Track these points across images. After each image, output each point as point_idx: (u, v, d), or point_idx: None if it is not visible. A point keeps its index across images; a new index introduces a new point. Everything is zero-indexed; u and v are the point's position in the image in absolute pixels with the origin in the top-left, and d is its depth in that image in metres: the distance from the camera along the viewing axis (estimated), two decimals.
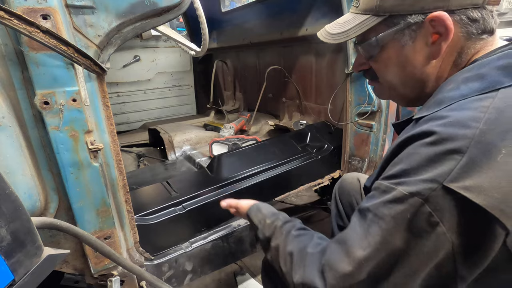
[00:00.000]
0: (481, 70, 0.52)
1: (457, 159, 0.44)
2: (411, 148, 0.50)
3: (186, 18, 2.69)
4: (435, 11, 0.53)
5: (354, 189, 1.13)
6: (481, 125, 0.45)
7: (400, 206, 0.48)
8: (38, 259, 0.48)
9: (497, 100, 0.47)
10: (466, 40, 0.56)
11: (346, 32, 0.64)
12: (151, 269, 1.07)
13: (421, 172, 0.47)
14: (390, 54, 0.61)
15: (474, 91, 0.50)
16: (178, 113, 3.17)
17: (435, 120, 0.50)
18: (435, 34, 0.55)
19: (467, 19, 0.54)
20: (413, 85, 0.63)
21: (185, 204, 1.21)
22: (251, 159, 1.49)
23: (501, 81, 0.49)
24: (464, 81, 0.53)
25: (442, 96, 0.54)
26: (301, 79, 2.13)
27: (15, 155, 0.67)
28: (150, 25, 0.80)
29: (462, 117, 0.47)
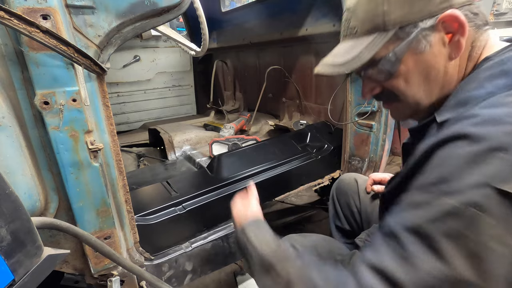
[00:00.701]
0: (504, 66, 0.50)
1: (503, 158, 0.40)
2: (444, 153, 0.45)
3: (186, 18, 2.69)
4: (442, 12, 0.52)
5: (352, 190, 1.13)
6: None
7: (453, 223, 0.41)
8: (38, 259, 0.48)
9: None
10: (475, 33, 0.56)
11: (357, 56, 0.57)
12: (151, 269, 1.07)
13: (465, 176, 0.41)
14: (410, 66, 0.57)
15: (502, 88, 0.48)
16: (178, 113, 3.17)
17: (465, 120, 0.46)
18: (448, 33, 0.54)
19: (471, 13, 0.54)
20: (438, 91, 0.59)
21: (185, 204, 1.21)
22: (251, 159, 1.49)
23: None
24: (487, 79, 0.50)
25: (466, 96, 0.51)
26: (301, 79, 2.13)
27: (15, 155, 0.67)
28: (150, 25, 0.80)
29: (496, 114, 0.44)
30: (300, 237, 0.98)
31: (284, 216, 2.12)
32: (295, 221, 2.06)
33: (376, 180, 1.06)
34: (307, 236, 0.99)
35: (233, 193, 1.31)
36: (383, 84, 0.62)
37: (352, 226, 1.13)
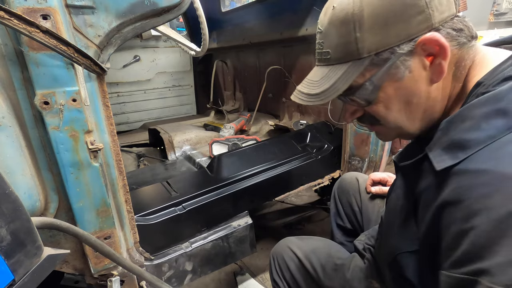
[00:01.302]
0: (499, 104, 0.44)
1: None
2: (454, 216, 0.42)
3: (186, 18, 2.69)
4: (422, 34, 0.49)
5: (353, 189, 1.13)
6: None
7: None
8: (38, 259, 0.48)
9: None
10: (459, 52, 0.52)
11: (332, 87, 0.55)
12: (151, 269, 1.07)
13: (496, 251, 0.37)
14: (389, 93, 0.54)
15: (502, 130, 0.42)
16: (178, 113, 3.17)
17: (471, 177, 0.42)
18: (428, 56, 0.51)
19: (453, 30, 0.50)
20: (422, 116, 0.56)
21: (185, 204, 1.21)
22: (251, 159, 1.49)
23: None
24: (483, 118, 0.45)
25: (462, 138, 0.46)
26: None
27: (15, 155, 0.67)
28: (150, 25, 0.80)
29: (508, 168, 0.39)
30: (298, 240, 0.98)
31: (284, 216, 2.12)
32: (295, 221, 2.06)
33: (376, 180, 1.06)
34: (305, 239, 0.99)
35: (233, 193, 1.31)
36: (364, 109, 0.59)
37: (353, 224, 1.13)
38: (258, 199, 1.48)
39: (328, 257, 0.89)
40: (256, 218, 1.62)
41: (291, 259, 0.92)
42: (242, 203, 1.36)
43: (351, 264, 0.84)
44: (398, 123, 0.58)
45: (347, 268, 0.84)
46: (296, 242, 0.96)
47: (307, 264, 0.89)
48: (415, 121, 0.57)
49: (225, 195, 1.29)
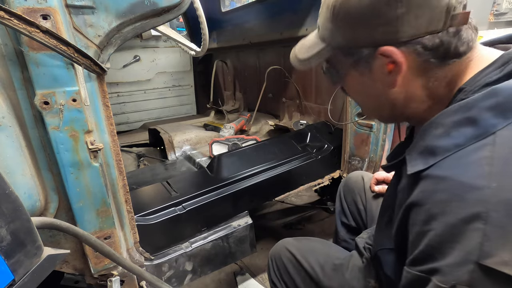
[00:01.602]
0: (469, 112, 0.46)
1: (480, 229, 0.38)
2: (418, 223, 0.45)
3: (186, 18, 2.68)
4: (384, 44, 0.50)
5: (358, 187, 1.15)
6: (489, 182, 0.40)
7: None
8: (38, 259, 0.48)
9: (498, 148, 0.42)
10: (427, 69, 0.52)
11: (308, 59, 0.62)
12: (151, 269, 1.08)
13: (447, 252, 0.41)
14: (353, 82, 0.60)
15: (469, 139, 0.44)
16: (178, 113, 3.17)
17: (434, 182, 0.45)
18: (390, 64, 0.52)
19: (421, 48, 0.50)
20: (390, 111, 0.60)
21: (185, 204, 1.21)
22: (251, 159, 1.50)
23: (494, 123, 0.44)
24: (454, 126, 0.47)
25: (432, 144, 0.48)
26: (301, 79, 2.13)
27: (15, 155, 0.67)
28: (150, 25, 0.80)
29: (466, 177, 0.42)
30: (295, 241, 0.98)
31: (284, 216, 2.12)
32: (295, 221, 2.06)
33: (379, 179, 1.08)
34: (303, 240, 0.99)
35: (233, 193, 1.31)
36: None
37: (357, 222, 1.14)
38: (258, 199, 1.48)
39: (327, 257, 0.90)
40: (256, 218, 1.62)
41: (289, 260, 0.92)
42: (242, 203, 1.36)
43: (350, 264, 0.84)
44: (366, 107, 0.65)
45: (345, 268, 0.84)
46: (294, 243, 0.96)
47: (305, 264, 0.89)
48: (382, 113, 0.62)
49: (225, 195, 1.29)
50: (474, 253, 0.38)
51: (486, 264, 0.38)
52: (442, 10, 0.47)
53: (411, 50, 0.50)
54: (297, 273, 0.90)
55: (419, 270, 0.44)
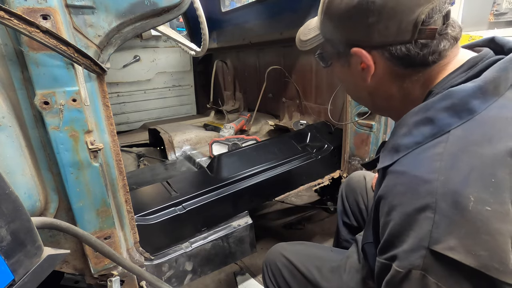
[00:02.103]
0: (428, 113, 0.51)
1: (431, 217, 0.43)
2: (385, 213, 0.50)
3: (186, 18, 2.68)
4: (358, 45, 0.57)
5: (360, 187, 1.15)
6: (438, 175, 0.44)
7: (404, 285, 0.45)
8: (38, 259, 0.48)
9: (449, 145, 0.47)
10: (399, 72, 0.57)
11: (305, 41, 0.70)
12: (151, 269, 1.07)
13: (404, 240, 0.45)
14: (336, 70, 0.67)
15: (427, 137, 0.50)
16: (178, 113, 3.17)
17: (395, 177, 0.50)
18: (362, 63, 0.58)
19: (389, 55, 0.55)
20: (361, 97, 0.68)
21: (185, 204, 1.21)
22: (251, 159, 1.50)
23: (450, 122, 0.49)
24: (415, 125, 0.52)
25: (397, 143, 0.54)
26: (301, 79, 2.13)
27: (15, 155, 0.67)
28: (150, 25, 0.80)
29: (420, 171, 0.47)
30: (290, 245, 0.98)
31: (284, 216, 2.12)
32: (295, 221, 2.06)
33: None
34: (297, 244, 0.99)
35: (233, 193, 1.31)
36: None
37: (359, 222, 1.14)
38: (258, 199, 1.48)
39: (323, 260, 0.90)
40: (256, 218, 1.62)
41: (284, 265, 0.92)
42: (242, 203, 1.36)
43: (347, 266, 0.85)
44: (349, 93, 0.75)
45: (343, 269, 0.84)
46: (288, 248, 0.97)
47: (302, 268, 0.89)
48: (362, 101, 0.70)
49: (225, 195, 1.29)
50: (425, 239, 0.42)
51: (436, 249, 0.41)
52: (409, 23, 0.52)
53: (380, 55, 0.56)
54: (292, 277, 0.90)
55: (384, 258, 0.49)
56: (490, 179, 0.42)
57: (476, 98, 0.49)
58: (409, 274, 0.44)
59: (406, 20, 0.52)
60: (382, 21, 0.53)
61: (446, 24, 0.54)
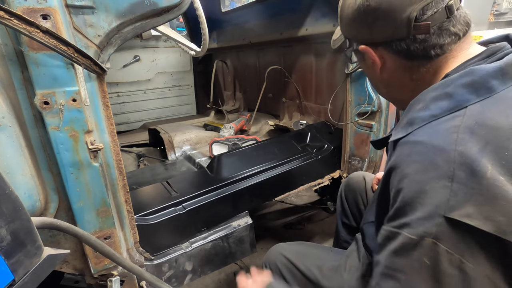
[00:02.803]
0: (447, 89, 0.53)
1: (448, 186, 0.43)
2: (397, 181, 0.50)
3: (186, 18, 2.68)
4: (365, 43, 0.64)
5: (360, 188, 1.15)
6: (456, 146, 0.45)
7: (414, 253, 0.45)
8: (38, 259, 0.48)
9: (467, 118, 0.48)
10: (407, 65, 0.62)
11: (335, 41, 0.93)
12: (151, 269, 1.07)
13: (417, 207, 0.45)
14: (359, 63, 0.74)
15: (444, 111, 0.51)
16: (178, 113, 3.17)
17: (410, 146, 0.51)
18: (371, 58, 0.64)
19: (393, 50, 0.61)
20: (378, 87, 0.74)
21: (185, 204, 1.21)
22: (251, 159, 1.50)
23: (468, 98, 0.50)
24: (432, 100, 0.54)
25: (412, 116, 0.55)
26: (301, 79, 2.13)
27: (15, 155, 0.67)
28: (150, 25, 0.80)
29: (437, 141, 0.48)
30: (289, 246, 0.98)
31: (284, 216, 2.12)
32: (295, 221, 2.06)
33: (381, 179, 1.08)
34: (296, 244, 1.00)
35: (233, 193, 1.31)
36: None
37: (358, 223, 1.14)
38: (258, 199, 1.48)
39: (323, 259, 0.90)
40: (256, 218, 1.62)
41: (284, 265, 0.92)
42: (242, 203, 1.36)
43: (347, 265, 0.85)
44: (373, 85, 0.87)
45: (343, 268, 0.85)
46: (288, 248, 0.97)
47: (302, 267, 0.89)
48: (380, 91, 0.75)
49: (225, 195, 1.29)
50: (442, 207, 0.43)
51: (452, 216, 0.42)
52: (403, 21, 0.57)
53: (386, 51, 0.62)
54: (292, 277, 0.90)
55: (391, 226, 0.49)
56: (504, 152, 0.44)
57: (496, 78, 0.50)
58: (421, 241, 0.44)
59: (400, 18, 0.57)
60: (379, 21, 0.59)
61: (450, 19, 0.56)
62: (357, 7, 0.62)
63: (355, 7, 0.62)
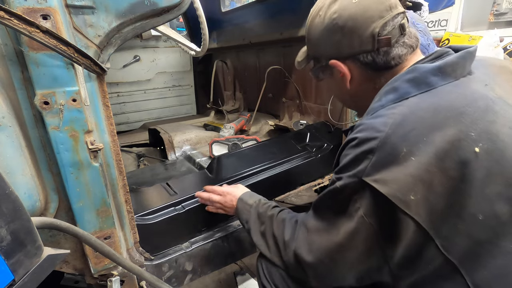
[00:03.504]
0: (395, 84, 0.65)
1: (370, 158, 0.58)
2: (345, 150, 0.65)
3: (186, 18, 2.68)
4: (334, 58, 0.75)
5: None
6: (388, 129, 0.57)
7: (339, 195, 0.65)
8: (38, 259, 0.48)
9: (404, 108, 0.60)
10: (371, 76, 0.74)
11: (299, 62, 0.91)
12: (151, 269, 1.07)
13: (348, 170, 0.62)
14: (326, 82, 0.85)
15: (390, 101, 0.64)
16: (178, 113, 3.17)
17: (359, 127, 0.64)
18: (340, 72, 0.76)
19: (359, 63, 0.73)
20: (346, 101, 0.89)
21: (185, 204, 1.21)
22: (251, 160, 1.50)
23: (409, 91, 0.62)
24: (384, 94, 0.66)
25: (370, 108, 0.69)
26: (301, 79, 2.13)
27: (15, 155, 0.67)
28: (150, 25, 0.80)
29: (376, 123, 0.60)
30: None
31: None
32: None
33: None
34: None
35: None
36: None
37: None
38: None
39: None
40: None
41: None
42: None
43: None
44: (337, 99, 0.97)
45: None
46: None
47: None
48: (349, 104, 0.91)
49: None
50: (361, 172, 0.59)
51: (365, 180, 0.58)
52: (368, 36, 0.68)
53: (353, 64, 0.74)
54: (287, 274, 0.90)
55: (335, 177, 0.66)
56: (423, 138, 0.55)
57: (435, 75, 0.61)
58: (342, 190, 0.63)
59: (365, 34, 0.68)
60: (346, 37, 0.70)
61: (404, 34, 0.69)
62: (325, 26, 0.73)
63: (323, 26, 0.73)
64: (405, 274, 0.61)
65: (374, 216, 0.58)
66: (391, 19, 0.67)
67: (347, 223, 0.63)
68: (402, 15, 0.70)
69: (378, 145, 0.57)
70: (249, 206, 0.97)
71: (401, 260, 0.59)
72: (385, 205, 0.56)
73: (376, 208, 0.58)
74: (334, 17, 0.71)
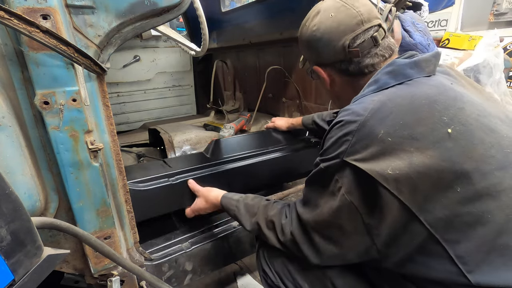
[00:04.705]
0: (376, 77, 0.73)
1: (350, 140, 0.64)
2: (330, 133, 0.70)
3: (186, 18, 2.68)
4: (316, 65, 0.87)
5: None
6: (367, 113, 0.63)
7: (323, 176, 0.70)
8: (38, 259, 0.48)
9: (383, 96, 0.66)
10: (348, 80, 0.84)
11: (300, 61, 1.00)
12: (151, 269, 1.07)
13: (331, 151, 0.68)
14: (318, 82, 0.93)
15: (371, 91, 0.71)
16: (178, 113, 3.17)
17: (342, 112, 0.70)
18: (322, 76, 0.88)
19: (337, 69, 0.83)
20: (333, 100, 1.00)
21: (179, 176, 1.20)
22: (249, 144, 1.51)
23: (388, 82, 0.69)
24: (367, 86, 0.74)
25: (355, 98, 0.75)
26: (301, 79, 2.13)
27: (15, 155, 0.67)
28: (150, 25, 0.80)
29: (357, 108, 0.66)
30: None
31: None
32: None
33: None
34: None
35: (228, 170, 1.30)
36: None
37: None
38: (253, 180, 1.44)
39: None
40: None
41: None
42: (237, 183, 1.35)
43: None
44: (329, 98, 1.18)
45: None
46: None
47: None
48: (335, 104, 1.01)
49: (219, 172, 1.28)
50: (343, 153, 0.64)
51: (346, 159, 0.64)
52: (340, 48, 0.78)
53: (333, 70, 0.85)
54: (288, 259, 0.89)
55: (319, 159, 0.72)
56: (399, 122, 0.61)
57: (411, 68, 0.69)
58: (326, 170, 0.69)
59: (338, 46, 0.78)
60: (324, 47, 0.81)
61: (376, 45, 0.78)
62: (308, 36, 0.84)
63: (307, 36, 0.85)
64: (392, 252, 0.64)
65: (354, 193, 0.63)
66: (362, 32, 0.77)
67: (330, 202, 0.68)
68: (376, 28, 0.78)
69: (358, 127, 0.63)
70: (235, 201, 1.00)
71: (387, 238, 0.63)
72: (365, 182, 0.61)
73: (356, 185, 0.63)
74: (314, 29, 0.82)
